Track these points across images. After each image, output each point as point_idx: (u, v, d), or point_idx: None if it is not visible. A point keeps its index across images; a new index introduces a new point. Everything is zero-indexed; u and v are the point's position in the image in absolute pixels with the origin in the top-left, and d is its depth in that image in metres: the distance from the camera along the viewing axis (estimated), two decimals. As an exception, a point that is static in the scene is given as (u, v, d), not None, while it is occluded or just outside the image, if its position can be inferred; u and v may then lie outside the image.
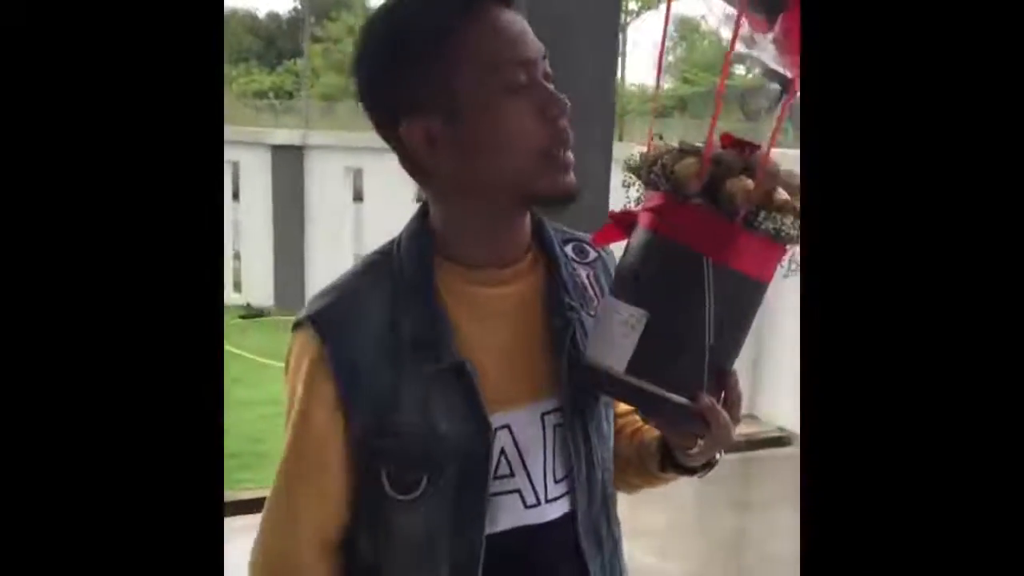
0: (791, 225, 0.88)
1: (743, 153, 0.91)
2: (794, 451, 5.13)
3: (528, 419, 0.99)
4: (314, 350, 0.95)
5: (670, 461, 1.02)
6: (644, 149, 0.94)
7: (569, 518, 0.99)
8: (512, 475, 0.97)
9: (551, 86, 0.97)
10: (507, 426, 0.97)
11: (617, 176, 1.09)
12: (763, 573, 3.62)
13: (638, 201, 0.96)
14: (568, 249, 1.09)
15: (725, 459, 1.04)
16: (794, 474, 0.92)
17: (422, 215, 1.03)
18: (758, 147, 0.91)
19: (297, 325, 0.98)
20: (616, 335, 0.90)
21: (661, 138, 0.96)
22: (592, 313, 1.04)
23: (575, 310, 1.02)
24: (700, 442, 0.95)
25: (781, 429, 5.31)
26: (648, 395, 0.89)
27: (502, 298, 1.01)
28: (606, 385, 0.93)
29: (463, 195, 0.99)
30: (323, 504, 0.97)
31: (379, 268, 1.00)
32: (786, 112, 0.90)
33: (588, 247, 1.12)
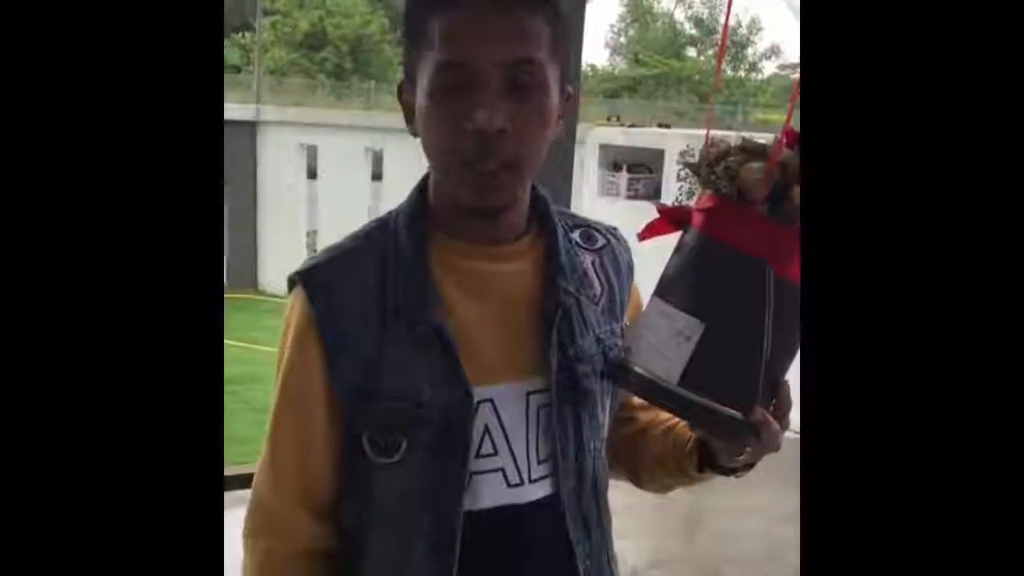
0: None
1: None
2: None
3: (513, 397, 0.99)
4: (301, 308, 0.96)
5: (709, 461, 1.01)
6: (604, 128, 0.90)
7: (554, 499, 0.99)
8: (495, 453, 0.97)
9: (529, 102, 0.94)
10: (490, 400, 0.98)
11: (580, 156, 1.07)
12: (723, 549, 3.67)
13: (690, 195, 0.92)
14: (575, 235, 1.09)
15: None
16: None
17: (422, 186, 1.04)
18: None
19: (291, 282, 0.99)
20: (669, 344, 0.87)
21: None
22: (594, 299, 1.04)
23: (570, 294, 1.02)
24: (748, 449, 0.93)
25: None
26: (700, 408, 0.87)
27: (496, 275, 1.01)
28: (656, 395, 0.90)
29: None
30: (308, 463, 0.97)
31: (375, 235, 1.01)
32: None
33: (597, 233, 1.12)
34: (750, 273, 0.84)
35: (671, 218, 0.93)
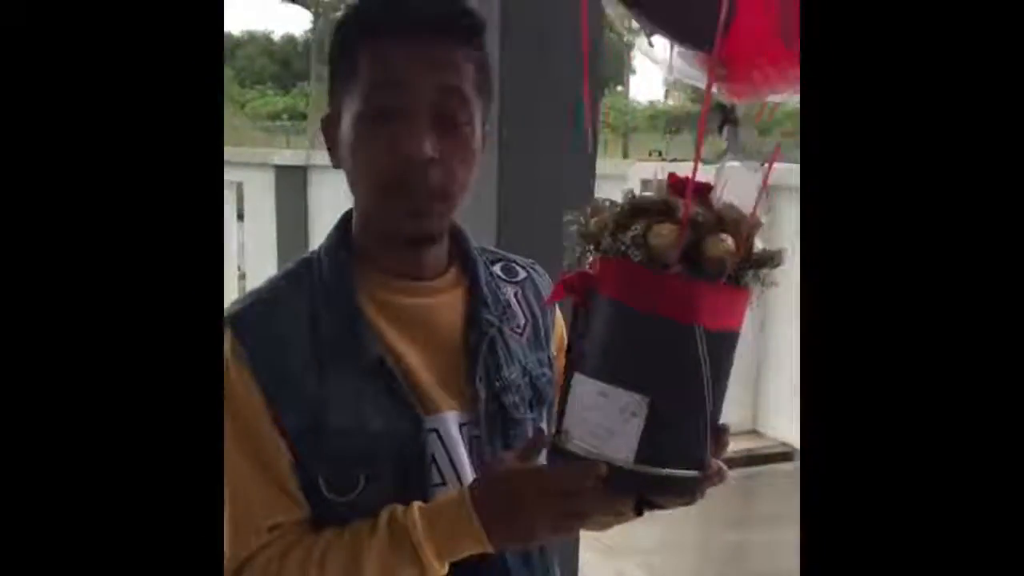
0: (769, 270, 0.86)
1: (705, 198, 0.87)
2: (797, 466, 5.14)
3: (453, 426, 1.00)
4: (231, 351, 0.95)
5: (647, 504, 0.99)
6: (646, 163, 0.91)
7: None
8: (444, 483, 0.99)
9: (455, 132, 0.96)
10: (435, 430, 0.99)
11: (602, 191, 1.08)
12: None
13: (581, 261, 0.90)
14: (496, 268, 1.11)
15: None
16: (797, 489, 0.94)
17: (345, 222, 1.06)
18: (709, 186, 0.87)
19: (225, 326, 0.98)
20: (616, 422, 0.85)
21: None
22: (518, 329, 1.06)
23: (494, 326, 1.04)
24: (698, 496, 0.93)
25: (784, 444, 5.33)
26: (660, 479, 0.86)
27: (422, 309, 1.02)
28: (614, 481, 0.86)
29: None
30: (261, 503, 0.96)
31: (300, 274, 1.02)
32: (731, 142, 0.89)
33: (518, 267, 1.14)
34: (681, 337, 0.83)
35: (575, 285, 0.90)
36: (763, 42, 0.84)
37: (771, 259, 0.86)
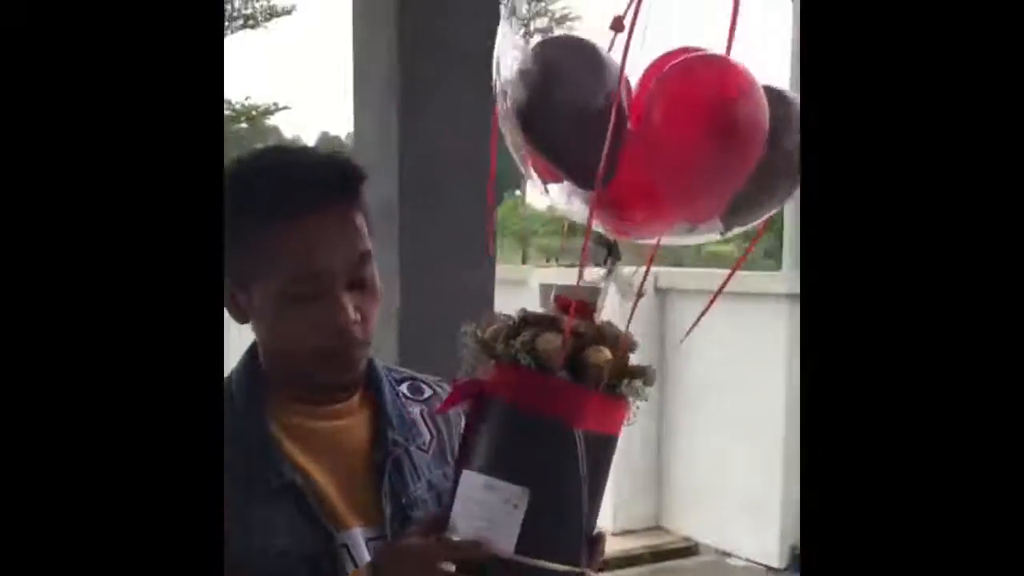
0: (644, 383, 0.96)
1: (587, 315, 0.96)
2: (701, 560, 5.23)
3: (361, 542, 1.05)
4: None
5: None
6: (544, 269, 0.96)
7: None
8: None
9: (368, 287, 1.02)
10: (346, 545, 1.04)
11: (502, 297, 1.14)
12: None
13: (472, 368, 0.97)
14: (403, 387, 1.17)
15: (634, 572, 1.04)
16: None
17: (253, 351, 1.11)
18: (591, 307, 0.97)
19: None
20: (499, 514, 0.91)
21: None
22: (423, 446, 1.12)
23: (400, 445, 1.10)
24: None
25: (687, 539, 5.41)
26: (538, 571, 0.92)
27: (331, 431, 1.08)
28: (494, 568, 0.92)
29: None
30: None
31: None
32: (611, 277, 0.99)
33: (423, 384, 1.20)
34: (560, 436, 0.92)
35: (467, 392, 0.98)
36: (642, 187, 0.95)
37: (644, 373, 0.97)
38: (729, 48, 0.92)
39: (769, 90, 0.92)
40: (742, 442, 5.02)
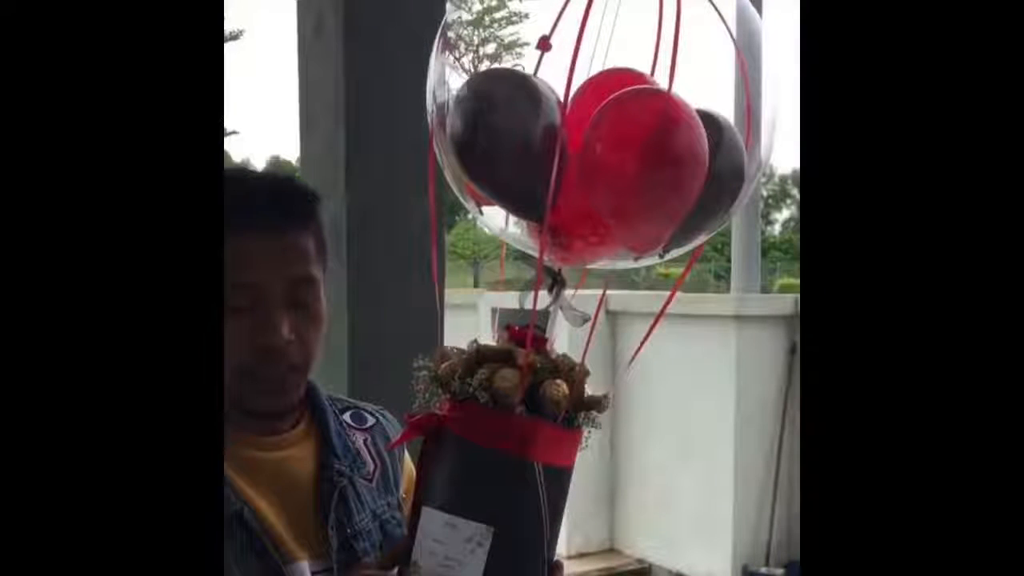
0: (598, 415, 0.96)
1: (542, 348, 0.96)
2: (654, 582, 5.25)
3: (307, 574, 1.03)
4: None
5: None
6: (495, 293, 0.97)
7: None
8: None
9: (309, 311, 1.01)
10: None
11: (452, 321, 1.14)
12: None
13: (428, 402, 0.97)
14: (346, 416, 1.17)
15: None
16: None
17: None
18: (545, 339, 0.98)
19: None
20: (462, 552, 0.92)
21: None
22: (367, 476, 1.12)
23: (344, 475, 1.09)
24: None
25: (640, 561, 5.42)
26: None
27: (276, 462, 1.07)
28: None
29: None
30: None
31: None
32: (558, 304, 0.99)
33: (366, 413, 1.19)
34: (521, 471, 0.93)
35: (424, 426, 0.98)
36: (584, 216, 0.95)
37: (598, 403, 0.98)
38: (671, 81, 0.90)
39: (702, 115, 0.92)
40: (693, 462, 5.06)
